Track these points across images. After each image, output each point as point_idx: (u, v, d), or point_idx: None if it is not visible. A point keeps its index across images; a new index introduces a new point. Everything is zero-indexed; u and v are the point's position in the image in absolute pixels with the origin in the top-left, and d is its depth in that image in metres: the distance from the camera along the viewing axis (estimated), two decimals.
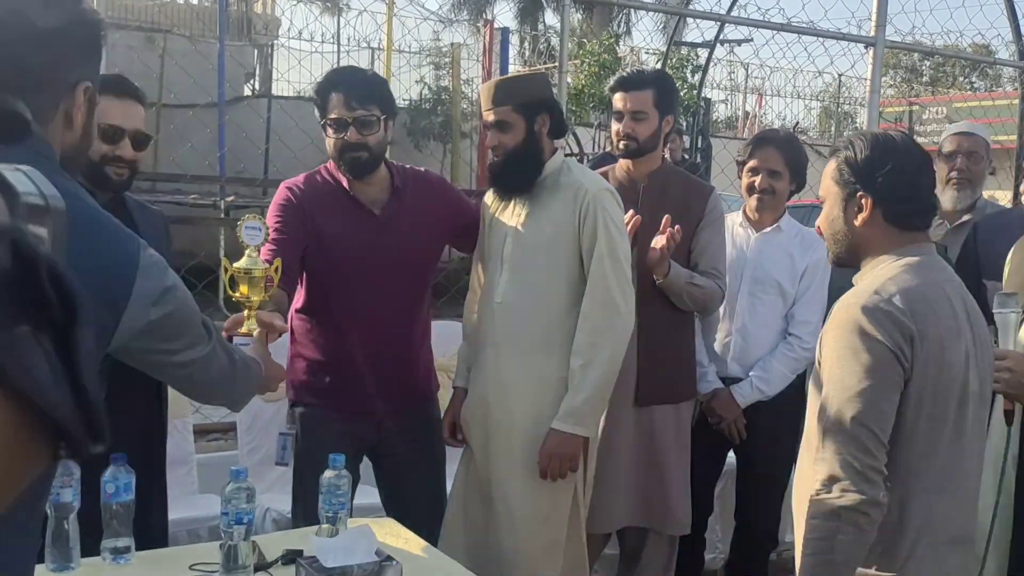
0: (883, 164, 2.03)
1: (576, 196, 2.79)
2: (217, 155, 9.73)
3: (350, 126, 2.78)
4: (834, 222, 2.08)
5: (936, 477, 1.94)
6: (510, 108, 2.80)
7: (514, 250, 2.84)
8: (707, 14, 5.59)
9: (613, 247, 2.77)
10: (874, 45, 5.42)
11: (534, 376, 2.81)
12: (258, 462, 3.81)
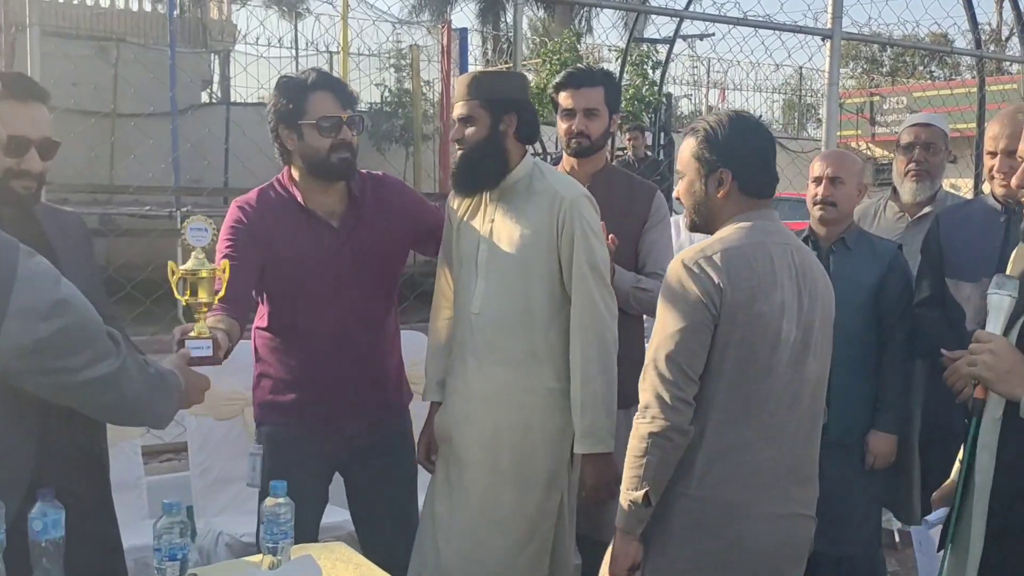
0: (741, 142, 2.32)
1: (553, 203, 2.71)
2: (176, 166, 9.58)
3: (344, 125, 2.75)
4: (696, 194, 2.34)
5: (736, 410, 2.20)
6: (477, 103, 2.73)
7: (490, 256, 2.75)
8: (665, 10, 5.54)
9: (593, 257, 2.70)
10: (831, 37, 5.40)
11: (521, 388, 2.73)
12: (211, 483, 3.69)
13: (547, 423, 2.73)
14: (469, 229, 2.80)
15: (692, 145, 2.34)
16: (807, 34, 5.62)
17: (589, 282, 2.68)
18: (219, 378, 3.62)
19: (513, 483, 2.73)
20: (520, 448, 2.72)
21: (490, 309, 2.73)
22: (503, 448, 2.73)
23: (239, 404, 3.69)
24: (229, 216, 2.83)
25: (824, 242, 3.37)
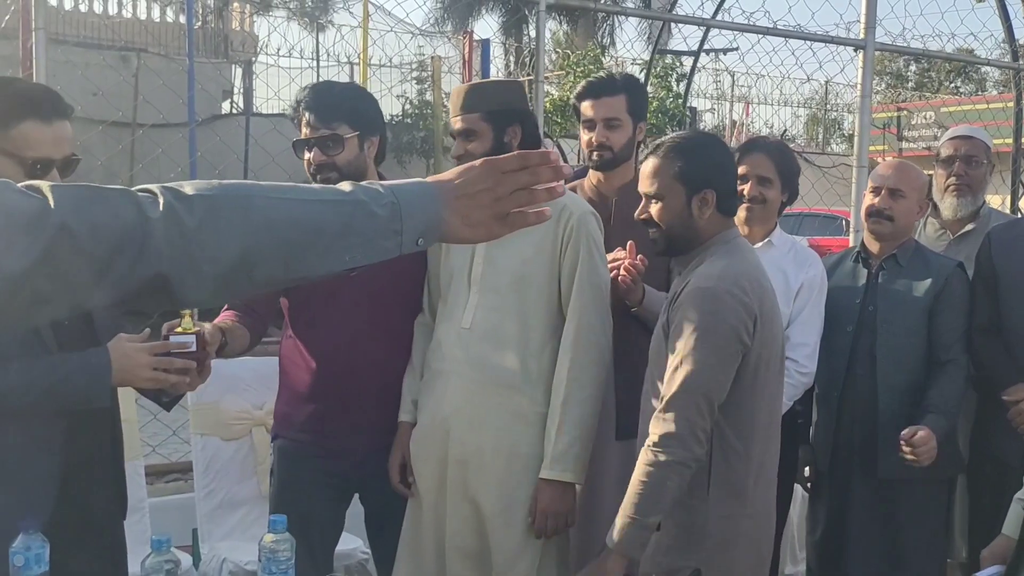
0: (720, 162, 2.40)
1: (559, 217, 2.59)
2: (192, 176, 9.51)
3: (314, 146, 2.66)
4: (678, 216, 2.35)
5: (765, 426, 2.34)
6: (479, 116, 2.61)
7: (485, 271, 2.61)
8: (691, 19, 5.38)
9: (595, 276, 2.60)
10: (864, 48, 5.23)
11: (509, 410, 2.59)
12: (216, 506, 3.56)
13: (534, 449, 2.59)
14: (459, 245, 2.64)
15: (668, 165, 2.35)
16: (839, 45, 5.44)
17: (588, 300, 2.57)
18: (225, 397, 3.55)
19: (495, 514, 2.58)
20: (505, 476, 2.57)
21: (482, 324, 2.59)
22: (488, 474, 2.58)
23: (247, 424, 3.56)
24: None
25: (874, 258, 3.18)
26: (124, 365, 2.14)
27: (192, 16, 11.78)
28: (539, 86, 4.75)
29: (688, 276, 2.36)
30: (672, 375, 2.24)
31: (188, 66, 10.49)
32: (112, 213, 1.17)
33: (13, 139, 2.10)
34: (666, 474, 2.22)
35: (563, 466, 2.55)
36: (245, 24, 16.47)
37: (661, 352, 2.34)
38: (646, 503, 2.23)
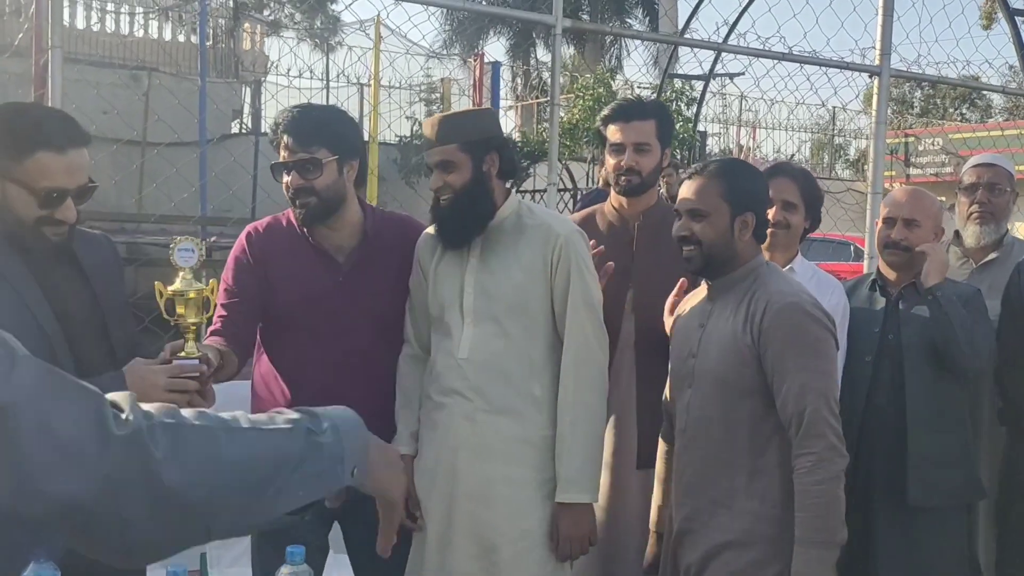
0: (761, 188, 2.51)
1: (547, 239, 2.58)
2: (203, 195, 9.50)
3: (292, 169, 2.60)
4: (721, 236, 2.42)
5: None
6: (456, 147, 2.57)
7: (477, 300, 2.58)
8: (704, 43, 5.37)
9: (588, 295, 2.59)
10: (879, 74, 5.21)
11: (516, 438, 2.56)
12: None
13: (544, 475, 2.56)
14: (447, 274, 2.64)
15: (716, 185, 2.41)
16: (854, 71, 5.43)
17: (583, 319, 2.56)
18: None
19: (508, 541, 2.54)
20: (514, 502, 2.54)
21: (481, 354, 2.56)
22: (497, 503, 2.54)
23: None
24: (235, 246, 2.78)
25: (892, 287, 3.14)
26: (140, 388, 2.11)
27: (205, 36, 11.82)
28: (555, 109, 4.74)
29: (751, 297, 2.39)
30: (800, 391, 2.28)
31: (200, 86, 10.52)
32: (69, 415, 1.02)
33: (27, 170, 2.08)
34: (837, 486, 2.27)
35: (579, 487, 2.54)
36: (256, 44, 16.55)
37: (742, 373, 2.36)
38: (833, 522, 2.25)
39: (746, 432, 2.38)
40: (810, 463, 2.26)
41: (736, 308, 2.41)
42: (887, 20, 5.17)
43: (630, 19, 22.92)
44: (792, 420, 2.29)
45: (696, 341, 2.48)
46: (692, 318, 2.55)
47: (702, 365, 2.44)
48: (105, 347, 2.25)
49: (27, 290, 2.10)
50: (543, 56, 22.99)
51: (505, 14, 12.71)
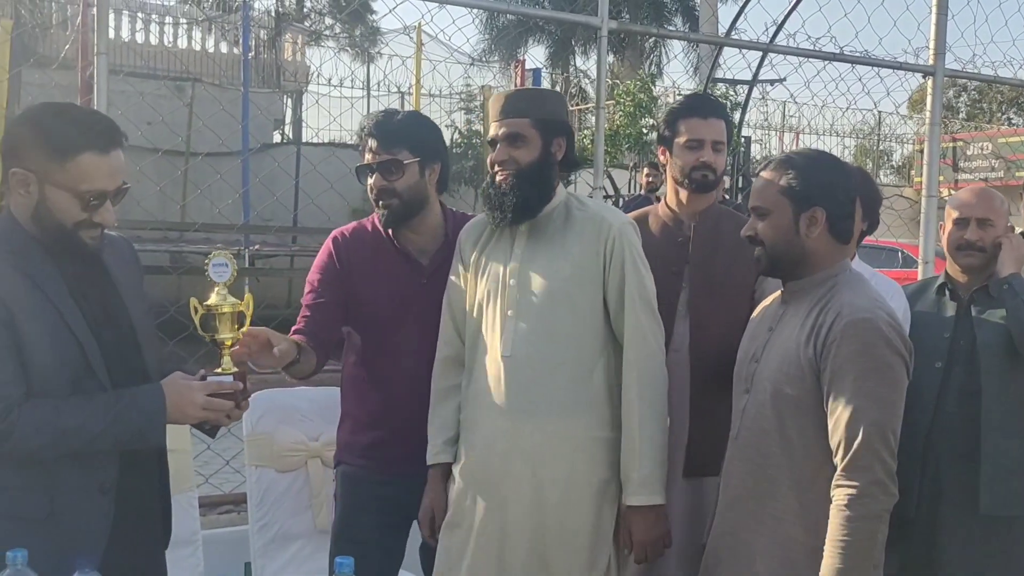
0: (832, 180, 2.27)
1: (600, 232, 2.51)
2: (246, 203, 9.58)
3: (374, 171, 2.68)
4: (785, 233, 2.25)
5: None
6: (528, 122, 2.50)
7: (522, 295, 2.50)
8: (751, 44, 5.26)
9: (643, 287, 2.52)
10: (933, 74, 5.08)
11: (565, 439, 2.49)
12: (271, 539, 3.46)
13: (592, 476, 2.50)
14: (491, 266, 2.56)
15: (778, 180, 2.26)
16: (908, 71, 5.30)
17: (640, 315, 2.48)
18: (280, 428, 3.46)
19: (559, 544, 2.48)
20: (564, 504, 2.47)
21: (525, 351, 2.48)
22: (547, 506, 2.47)
23: (302, 455, 3.47)
24: (323, 249, 2.83)
25: (964, 291, 3.03)
26: (177, 403, 2.15)
27: (247, 46, 11.93)
28: (600, 113, 4.67)
29: (822, 307, 2.21)
30: (853, 416, 2.08)
31: (243, 95, 10.61)
32: None
33: (69, 172, 2.07)
34: (878, 525, 2.08)
35: (651, 489, 2.46)
36: (297, 54, 16.67)
37: (800, 387, 2.18)
38: (865, 562, 2.07)
39: (801, 452, 2.19)
40: (849, 497, 2.07)
41: (806, 316, 2.24)
42: (941, 19, 5.04)
43: (670, 26, 22.81)
44: (840, 446, 2.10)
45: (762, 345, 2.33)
46: (763, 320, 2.40)
47: (762, 372, 2.29)
48: (135, 354, 2.25)
49: (62, 301, 2.09)
50: (582, 64, 22.95)
51: (549, 16, 12.63)
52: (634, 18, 21.52)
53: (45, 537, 2.03)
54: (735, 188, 10.63)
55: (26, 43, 9.83)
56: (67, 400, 2.06)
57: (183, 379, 2.20)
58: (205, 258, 2.36)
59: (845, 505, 2.07)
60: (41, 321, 2.05)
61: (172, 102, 11.29)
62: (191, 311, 2.27)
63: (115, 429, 2.08)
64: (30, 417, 2.01)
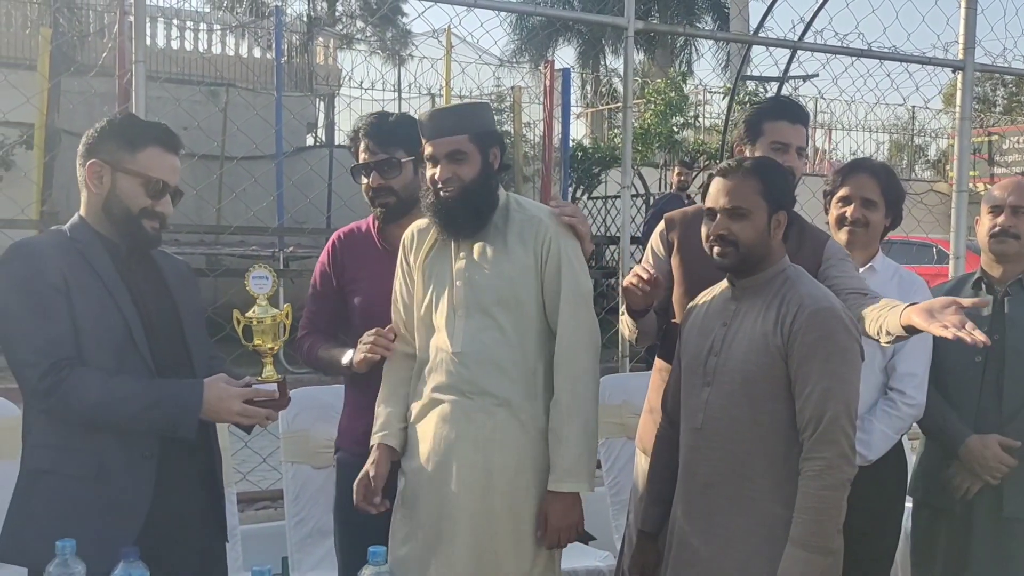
0: (791, 187, 2.52)
1: (537, 232, 2.57)
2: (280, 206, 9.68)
3: (372, 170, 2.79)
4: (761, 234, 2.39)
5: None
6: (467, 138, 2.54)
7: (469, 294, 2.56)
8: (780, 41, 5.27)
9: (578, 284, 2.58)
10: (963, 69, 5.06)
11: (513, 428, 2.55)
12: (307, 535, 3.55)
13: (539, 463, 2.56)
14: (436, 268, 2.63)
15: (754, 183, 2.39)
16: (937, 66, 5.28)
17: (574, 311, 2.55)
18: (316, 424, 3.54)
19: (506, 529, 2.54)
20: (512, 491, 2.54)
21: (474, 347, 2.54)
22: (495, 492, 2.53)
23: None
24: (323, 251, 3.00)
25: (999, 283, 3.04)
26: (214, 404, 2.31)
27: (280, 51, 12.05)
28: (627, 112, 4.71)
29: (781, 299, 2.38)
30: (822, 396, 2.27)
31: (276, 99, 10.72)
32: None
33: (139, 160, 2.37)
34: (841, 494, 2.27)
35: (575, 477, 2.53)
36: (329, 58, 16.81)
37: (770, 374, 2.35)
38: (831, 529, 2.27)
39: (772, 434, 2.36)
40: (819, 467, 2.26)
41: (766, 309, 2.40)
42: (970, 13, 5.03)
43: (700, 23, 22.71)
44: (809, 423, 2.28)
45: (719, 339, 2.45)
46: (712, 317, 2.51)
47: (726, 364, 2.42)
48: (181, 347, 2.44)
49: (115, 287, 2.33)
50: (612, 63, 22.92)
51: (576, 17, 12.65)
52: (663, 16, 21.47)
53: (95, 494, 2.24)
54: None
55: (65, 52, 10.04)
56: (116, 376, 2.25)
57: (225, 382, 2.34)
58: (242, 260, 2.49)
59: (815, 476, 2.26)
60: (91, 294, 2.28)
61: (207, 107, 11.43)
62: (234, 322, 2.41)
63: (151, 414, 2.25)
64: (79, 379, 2.21)
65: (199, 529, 2.45)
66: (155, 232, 2.42)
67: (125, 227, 2.37)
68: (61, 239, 2.35)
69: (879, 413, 2.95)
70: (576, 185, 13.82)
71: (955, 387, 2.98)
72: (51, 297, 2.23)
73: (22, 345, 2.23)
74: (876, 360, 2.99)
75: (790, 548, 2.26)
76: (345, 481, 2.81)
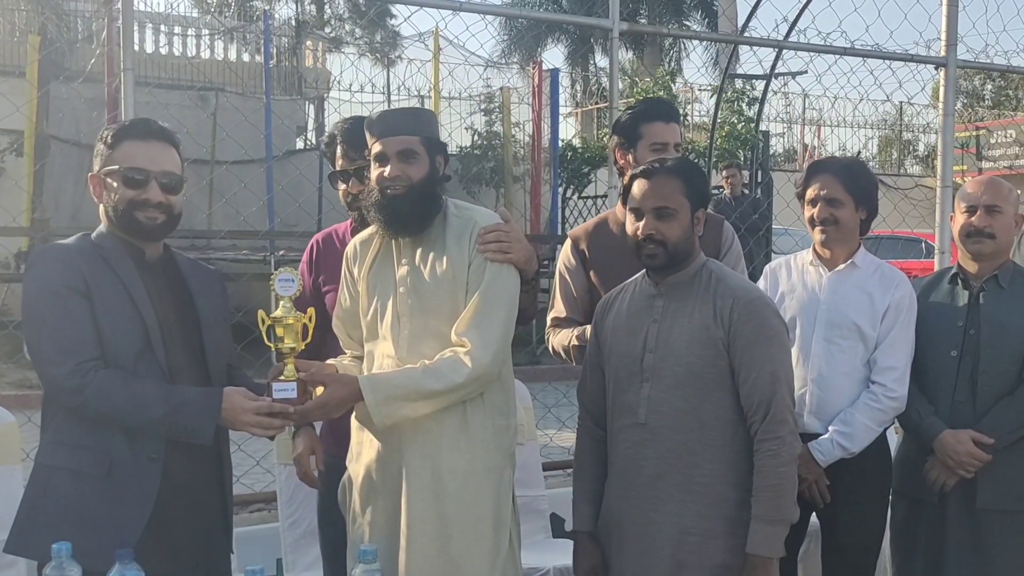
0: (705, 184, 2.63)
1: (466, 229, 2.57)
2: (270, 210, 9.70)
3: (350, 176, 2.87)
4: (686, 231, 2.52)
5: None
6: (418, 140, 2.56)
7: (409, 300, 2.57)
8: (765, 41, 5.33)
9: (498, 279, 2.53)
10: (945, 66, 5.12)
11: (463, 430, 2.54)
12: (300, 536, 3.59)
13: (490, 463, 2.56)
14: (380, 277, 2.64)
15: (678, 183, 2.50)
16: (919, 63, 5.33)
17: (476, 302, 2.51)
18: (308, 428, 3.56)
19: (462, 533, 2.52)
20: (463, 493, 2.53)
21: (418, 351, 2.53)
22: (447, 496, 2.51)
23: None
24: (305, 252, 3.10)
25: (975, 280, 3.08)
26: (230, 416, 2.36)
27: (269, 55, 12.06)
28: (612, 113, 4.74)
29: (713, 292, 2.51)
30: (768, 379, 2.44)
31: (265, 103, 10.73)
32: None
33: (115, 158, 2.41)
34: (794, 468, 2.46)
35: (386, 413, 2.45)
36: (318, 61, 16.81)
37: (716, 364, 2.47)
38: (789, 501, 2.44)
39: (718, 422, 2.48)
40: (775, 447, 2.42)
41: (698, 303, 2.51)
42: (952, 10, 5.08)
43: (688, 21, 22.75)
44: (760, 406, 2.44)
45: (652, 336, 2.53)
46: (638, 315, 2.58)
47: (665, 359, 2.50)
48: (197, 354, 2.48)
49: (135, 288, 2.39)
50: (601, 62, 22.93)
51: (561, 20, 12.70)
52: (652, 15, 21.50)
53: (101, 493, 2.30)
54: (754, 182, 10.63)
55: (54, 59, 10.04)
56: (137, 379, 2.31)
57: (244, 397, 2.38)
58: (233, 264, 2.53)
59: (773, 455, 2.43)
60: (112, 298, 2.34)
61: (196, 112, 11.44)
62: (259, 322, 2.45)
63: (171, 419, 2.30)
64: (103, 381, 2.27)
65: (204, 537, 2.48)
66: (156, 224, 2.42)
67: (126, 226, 2.41)
68: (85, 244, 2.41)
69: (861, 406, 2.99)
70: (566, 185, 13.85)
71: (931, 381, 3.03)
72: (74, 299, 2.30)
73: (48, 344, 2.29)
74: (858, 354, 3.04)
75: (756, 524, 2.40)
76: (325, 482, 2.85)
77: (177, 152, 2.50)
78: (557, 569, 3.58)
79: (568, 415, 5.92)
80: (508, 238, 2.58)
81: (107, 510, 2.28)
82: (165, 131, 2.48)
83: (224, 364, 2.56)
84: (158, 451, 2.34)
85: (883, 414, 3.00)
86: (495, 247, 2.56)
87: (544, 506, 4.14)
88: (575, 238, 3.17)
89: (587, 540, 2.68)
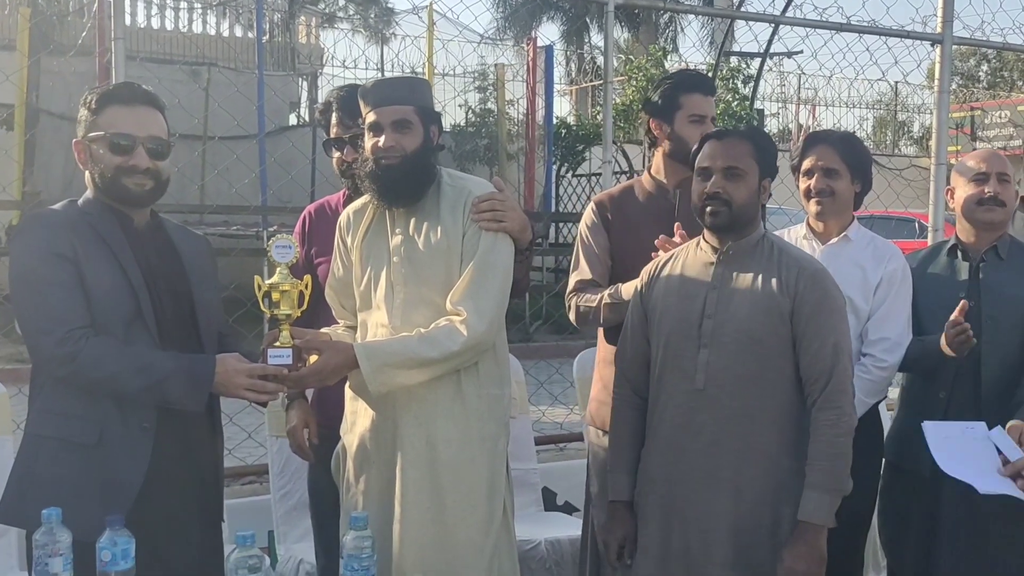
0: (774, 154, 2.58)
1: (460, 198, 2.56)
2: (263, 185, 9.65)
3: (345, 144, 2.89)
4: (752, 195, 2.52)
5: None
6: (413, 109, 2.54)
7: (406, 268, 2.56)
8: (761, 15, 5.30)
9: (493, 248, 2.53)
10: (941, 43, 5.10)
11: (456, 399, 2.54)
12: (292, 508, 3.60)
13: (484, 432, 2.56)
14: (374, 247, 2.63)
15: (749, 147, 2.52)
16: (916, 40, 5.31)
17: (472, 271, 2.50)
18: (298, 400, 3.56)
19: (456, 502, 2.51)
20: (457, 462, 2.52)
21: (412, 320, 2.52)
22: (440, 464, 2.51)
23: None
24: (297, 223, 3.12)
25: (974, 251, 3.08)
26: (224, 380, 2.33)
27: (261, 30, 11.98)
28: (608, 88, 4.73)
29: (778, 262, 2.52)
30: (831, 350, 2.45)
31: (258, 78, 10.66)
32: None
33: (100, 123, 2.37)
34: (851, 440, 2.45)
35: (370, 375, 2.45)
36: (312, 37, 16.71)
37: (778, 332, 2.48)
38: (844, 471, 2.43)
39: (778, 389, 2.49)
40: (834, 417, 2.43)
41: (761, 271, 2.52)
42: None
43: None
44: (821, 376, 2.44)
45: (712, 303, 2.51)
46: (694, 282, 2.56)
47: (724, 326, 2.49)
48: (189, 321, 2.46)
49: (123, 255, 2.35)
50: (596, 39, 22.85)
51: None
52: None
53: (92, 462, 2.27)
54: None
55: (44, 31, 9.95)
56: (129, 346, 2.28)
57: (237, 360, 2.36)
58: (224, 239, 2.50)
59: (832, 424, 2.43)
60: (101, 265, 2.31)
61: (188, 86, 11.37)
62: (255, 288, 2.43)
63: (164, 386, 2.28)
64: (95, 349, 2.24)
65: (195, 506, 2.46)
66: (144, 190, 2.39)
67: (114, 193, 2.38)
68: (72, 211, 2.37)
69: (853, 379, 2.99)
70: (560, 162, 13.82)
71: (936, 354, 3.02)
72: (62, 266, 2.26)
73: (37, 312, 2.26)
74: (851, 327, 3.04)
75: (810, 492, 2.41)
76: (316, 453, 2.87)
77: (163, 116, 2.44)
78: (548, 541, 3.60)
79: (560, 390, 5.93)
80: (503, 207, 2.56)
81: (98, 479, 2.26)
82: (150, 95, 2.43)
83: (215, 330, 2.54)
84: (150, 420, 2.32)
85: (873, 384, 3.00)
86: (489, 216, 2.55)
87: (536, 479, 4.15)
88: (599, 202, 3.14)
89: (624, 510, 2.65)
